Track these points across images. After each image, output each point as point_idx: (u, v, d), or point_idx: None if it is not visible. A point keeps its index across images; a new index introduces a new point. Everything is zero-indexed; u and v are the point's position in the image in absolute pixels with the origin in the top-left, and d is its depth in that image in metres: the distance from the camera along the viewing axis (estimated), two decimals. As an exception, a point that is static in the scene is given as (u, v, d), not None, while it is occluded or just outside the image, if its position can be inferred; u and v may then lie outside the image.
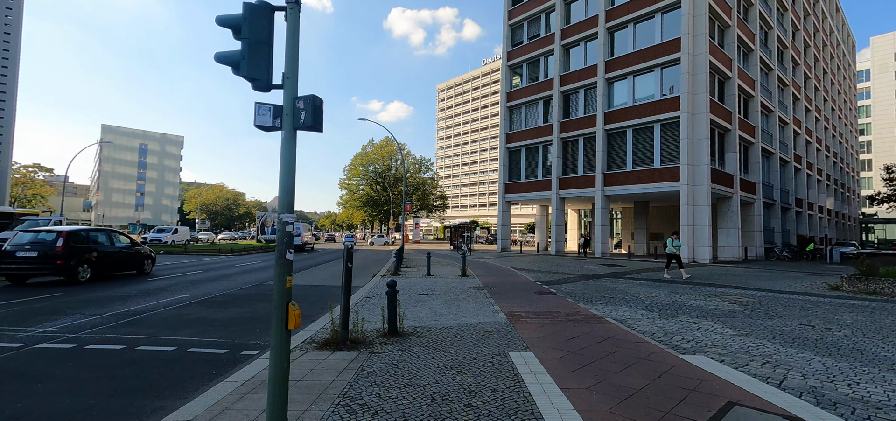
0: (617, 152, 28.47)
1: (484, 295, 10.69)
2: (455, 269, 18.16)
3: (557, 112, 31.79)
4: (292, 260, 3.24)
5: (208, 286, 12.22)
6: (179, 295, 10.52)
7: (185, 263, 21.02)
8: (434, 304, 9.31)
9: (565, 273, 17.18)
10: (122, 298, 9.79)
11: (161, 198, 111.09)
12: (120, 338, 6.34)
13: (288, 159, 3.21)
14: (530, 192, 33.97)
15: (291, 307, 3.13)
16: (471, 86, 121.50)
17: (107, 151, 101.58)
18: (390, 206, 65.51)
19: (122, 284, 12.41)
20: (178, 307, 8.86)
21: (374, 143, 73.80)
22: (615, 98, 29.04)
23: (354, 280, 14.15)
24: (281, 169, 3.21)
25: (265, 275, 15.87)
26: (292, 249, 3.21)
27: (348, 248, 6.02)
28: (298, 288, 12.30)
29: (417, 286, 12.25)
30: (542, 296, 10.67)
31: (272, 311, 3.18)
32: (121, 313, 8.09)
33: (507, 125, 36.44)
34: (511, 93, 36.43)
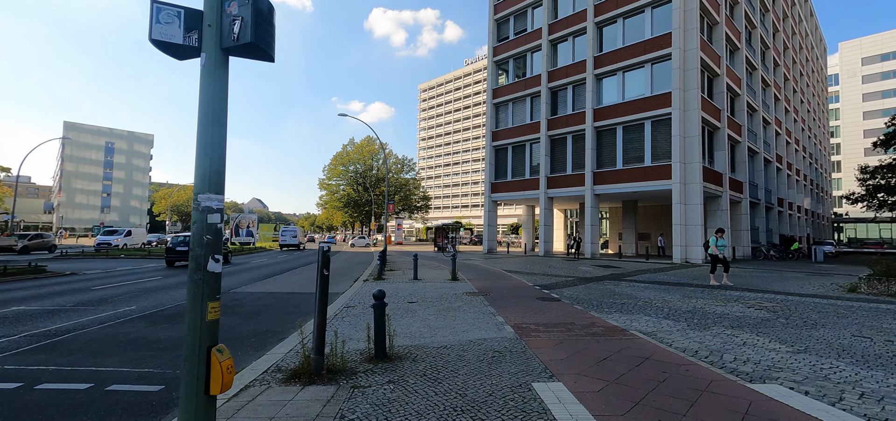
0: (607, 150, 27.76)
1: (481, 302, 9.47)
2: (443, 272, 16.89)
3: (545, 109, 30.93)
4: (219, 274, 1.92)
5: (163, 295, 10.60)
6: (124, 307, 8.91)
7: (146, 267, 19.10)
8: (427, 314, 8.03)
9: (561, 275, 16.14)
10: (49, 313, 8.14)
11: (129, 199, 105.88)
12: (21, 371, 4.82)
13: (212, 101, 1.89)
14: (517, 191, 33.01)
15: (215, 356, 1.81)
16: (453, 86, 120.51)
17: (69, 150, 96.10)
18: (372, 207, 63.74)
19: (57, 295, 10.66)
20: (115, 324, 7.30)
21: (354, 142, 71.85)
22: (604, 95, 28.35)
23: (334, 286, 12.74)
24: (200, 118, 1.89)
25: (234, 280, 14.25)
26: (218, 255, 1.88)
27: (324, 251, 4.69)
28: (267, 296, 10.81)
29: (405, 292, 10.93)
30: (546, 303, 9.52)
31: (181, 362, 1.85)
32: (39, 334, 6.50)
33: (494, 123, 35.41)
34: (497, 89, 35.43)
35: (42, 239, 30.14)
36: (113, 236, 35.00)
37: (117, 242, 34.14)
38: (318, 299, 4.68)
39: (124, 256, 25.95)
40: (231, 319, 7.87)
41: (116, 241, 34.32)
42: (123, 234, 36.45)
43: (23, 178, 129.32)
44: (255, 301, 10.06)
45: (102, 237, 34.64)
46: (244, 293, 11.31)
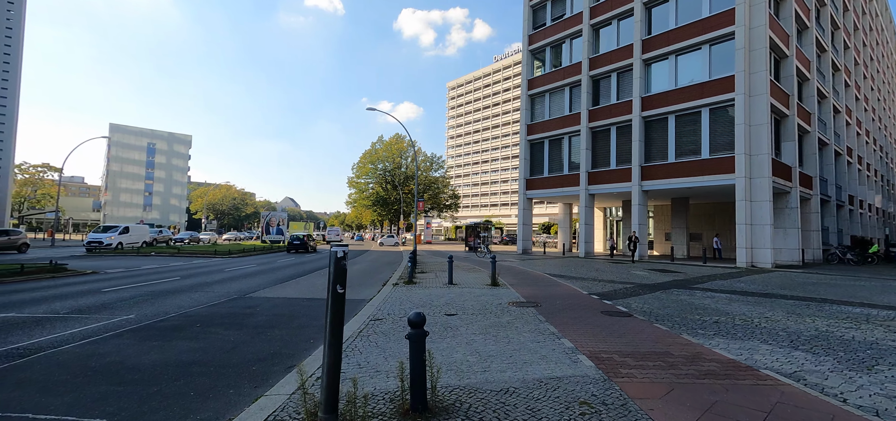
0: (656, 142, 25.28)
1: (534, 317, 7.77)
2: (480, 275, 15.25)
3: (586, 99, 28.68)
4: None
5: (170, 300, 9.48)
6: (122, 315, 7.77)
7: (172, 265, 18.45)
8: (472, 334, 6.42)
9: (615, 281, 14.16)
10: (34, 323, 7.06)
11: (169, 197, 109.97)
12: (-65, 416, 3.55)
13: None
14: (554, 188, 30.89)
15: None
16: (482, 84, 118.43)
17: (115, 151, 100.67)
18: (400, 206, 62.80)
19: (60, 298, 9.73)
20: (98, 340, 6.08)
21: (383, 141, 71.19)
22: (654, 82, 25.85)
23: (360, 291, 11.35)
24: None
25: (253, 282, 13.13)
26: None
27: (337, 258, 3.17)
28: (284, 303, 9.50)
29: (441, 302, 9.37)
30: (616, 319, 7.72)
31: None
32: (2, 353, 5.32)
33: (529, 115, 33.39)
34: (533, 80, 33.38)
35: (8, 237, 25.78)
36: (106, 234, 28.85)
37: (110, 242, 28.05)
38: (330, 331, 3.15)
39: (154, 254, 25.75)
40: (236, 335, 6.53)
41: (109, 239, 28.33)
42: (118, 231, 29.87)
43: (76, 178, 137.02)
44: (270, 310, 8.75)
45: (95, 234, 28.89)
46: (260, 299, 10.06)
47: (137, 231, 32.53)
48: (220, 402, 4.03)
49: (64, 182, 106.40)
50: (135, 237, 31.34)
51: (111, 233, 29.41)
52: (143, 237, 32.81)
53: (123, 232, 30.30)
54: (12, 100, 57.39)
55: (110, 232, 29.63)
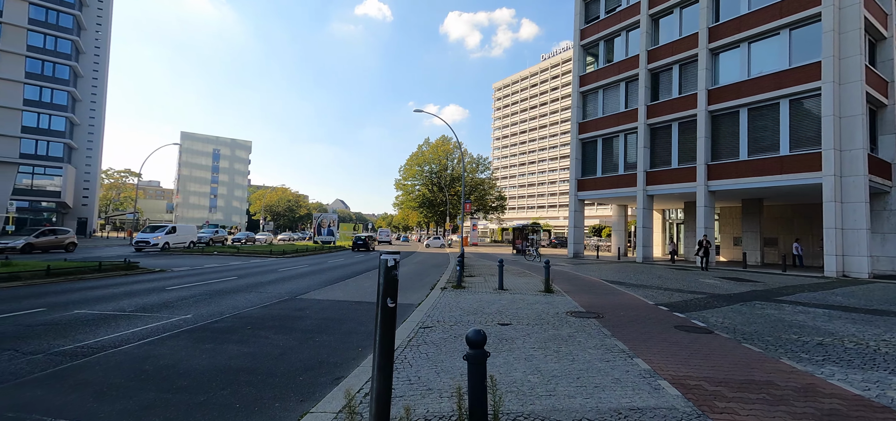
0: (726, 138, 23.14)
1: (598, 330, 7.03)
2: (531, 280, 14.51)
3: (644, 94, 26.90)
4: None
5: (226, 301, 9.68)
6: (180, 315, 7.95)
7: (231, 265, 19.31)
8: (530, 348, 5.84)
9: (685, 290, 12.89)
10: (100, 321, 7.35)
11: (231, 199, 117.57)
12: (-4, 417, 3.56)
13: None
14: (608, 188, 29.27)
15: None
16: (529, 83, 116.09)
17: (185, 157, 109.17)
18: (447, 207, 62.79)
19: (128, 296, 10.23)
20: (155, 341, 6.16)
21: (429, 143, 71.61)
22: (722, 73, 23.71)
23: (407, 295, 11.06)
24: None
25: (304, 284, 13.29)
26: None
27: (387, 267, 2.77)
28: (333, 306, 9.37)
29: (492, 309, 8.83)
30: (694, 336, 6.80)
31: None
32: (62, 353, 5.47)
33: (580, 113, 31.95)
34: (585, 76, 31.91)
35: (56, 236, 25.26)
36: (153, 234, 28.51)
37: (156, 242, 27.64)
38: (379, 352, 2.75)
39: (217, 253, 27.25)
40: (285, 340, 6.39)
41: (156, 239, 27.84)
42: (165, 231, 29.27)
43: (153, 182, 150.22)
44: (319, 312, 8.64)
45: (143, 235, 28.73)
46: (310, 302, 10.04)
47: (185, 231, 31.68)
48: (265, 417, 3.77)
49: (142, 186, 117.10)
50: (182, 237, 30.58)
51: (158, 233, 28.86)
52: (190, 237, 31.89)
53: (170, 232, 29.66)
54: (100, 112, 63.63)
55: (158, 232, 29.06)
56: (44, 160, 49.01)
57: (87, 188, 61.15)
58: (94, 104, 62.01)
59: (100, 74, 62.77)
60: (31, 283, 11.49)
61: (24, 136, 47.42)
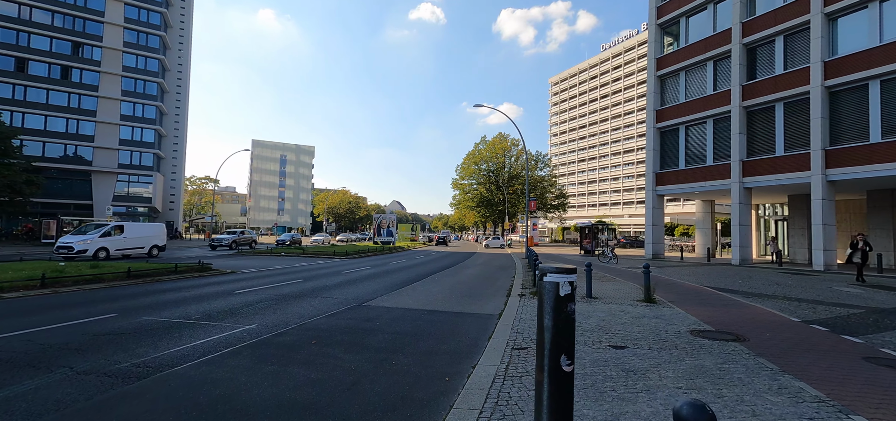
0: (849, 118, 19.44)
1: (753, 360, 5.29)
2: (619, 286, 12.64)
3: (738, 73, 23.54)
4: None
5: (291, 308, 9.01)
6: (244, 325, 7.30)
7: (297, 266, 19.29)
8: (673, 388, 4.30)
9: (826, 302, 10.42)
10: (164, 331, 6.84)
11: (297, 202, 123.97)
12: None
13: None
14: (694, 181, 26.07)
15: None
16: (588, 76, 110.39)
17: (256, 163, 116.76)
18: (505, 206, 60.91)
19: (197, 300, 9.92)
20: (216, 356, 5.40)
21: (486, 141, 70.11)
22: (842, 40, 19.98)
23: (482, 302, 9.79)
24: None
25: (370, 287, 12.51)
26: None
27: (558, 298, 1.51)
28: (405, 316, 8.32)
29: (591, 323, 7.31)
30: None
31: None
32: (116, 373, 4.82)
33: (658, 100, 28.90)
34: (663, 58, 28.82)
35: None
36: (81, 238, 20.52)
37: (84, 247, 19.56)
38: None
39: (284, 254, 27.87)
40: (355, 361, 5.37)
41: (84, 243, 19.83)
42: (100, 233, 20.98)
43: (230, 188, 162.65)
44: (390, 325, 7.63)
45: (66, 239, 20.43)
46: (379, 310, 9.11)
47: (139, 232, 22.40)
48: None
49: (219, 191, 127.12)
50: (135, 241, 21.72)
51: (91, 235, 20.53)
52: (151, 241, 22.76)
53: (109, 234, 20.98)
54: (183, 123, 69.31)
55: (90, 234, 20.63)
56: (137, 169, 54.04)
57: (173, 194, 66.90)
58: (178, 116, 67.76)
59: (182, 89, 68.46)
60: (113, 284, 11.73)
61: (122, 148, 52.58)
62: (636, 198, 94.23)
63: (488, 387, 4.37)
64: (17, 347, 5.61)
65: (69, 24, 49.93)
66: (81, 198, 50.14)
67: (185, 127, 70.42)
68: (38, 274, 10.98)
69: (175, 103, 65.09)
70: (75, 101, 49.98)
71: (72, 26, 50.05)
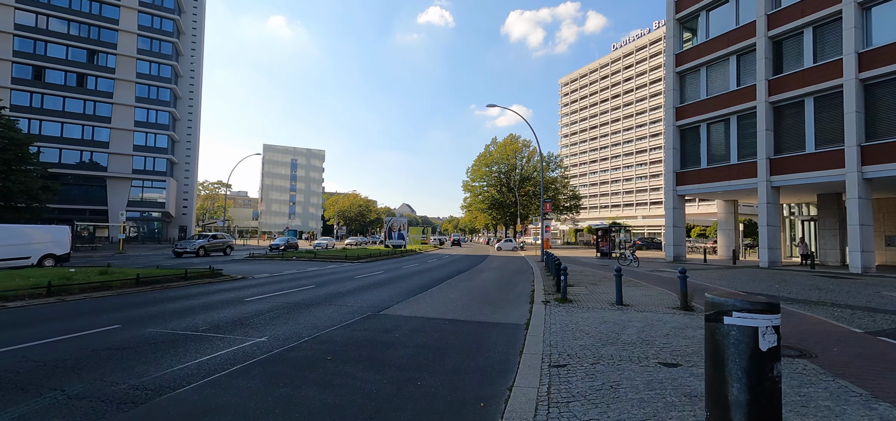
0: (886, 112, 18.40)
1: (833, 381, 4.61)
2: (648, 291, 11.89)
3: (764, 68, 22.57)
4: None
5: (303, 317, 8.50)
6: (255, 336, 6.79)
7: (309, 271, 18.85)
8: None
9: (883, 309, 9.58)
10: (167, 344, 6.35)
11: (308, 206, 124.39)
12: None
13: None
14: (717, 181, 25.09)
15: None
16: (598, 75, 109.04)
17: (267, 167, 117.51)
18: (517, 208, 60.10)
19: (206, 309, 9.47)
20: (224, 375, 4.87)
21: (497, 142, 69.41)
22: (877, 30, 18.96)
23: (505, 310, 9.13)
24: None
25: (385, 293, 11.96)
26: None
27: (759, 356, 0.89)
28: (424, 327, 7.73)
29: (628, 334, 6.64)
30: None
31: None
32: (108, 399, 4.32)
33: (677, 97, 27.98)
34: (682, 54, 27.89)
35: None
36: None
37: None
38: None
39: (296, 258, 27.52)
40: (376, 382, 4.81)
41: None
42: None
43: (242, 193, 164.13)
44: (411, 336, 7.05)
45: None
46: (397, 319, 8.55)
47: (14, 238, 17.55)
48: None
49: (231, 195, 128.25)
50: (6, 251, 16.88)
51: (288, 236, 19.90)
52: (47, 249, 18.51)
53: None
54: (195, 129, 69.86)
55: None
56: (151, 174, 54.47)
57: (186, 199, 67.36)
58: (190, 122, 68.30)
59: (194, 94, 69.04)
60: (121, 292, 11.37)
61: (135, 153, 53.06)
62: (650, 198, 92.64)
63: (532, 417, 3.77)
64: (8, 364, 5.16)
65: (85, 33, 50.59)
66: (97, 203, 50.64)
67: (197, 132, 70.98)
68: (45, 281, 10.66)
69: (188, 109, 65.63)
70: (91, 108, 50.59)
71: (87, 34, 50.71)
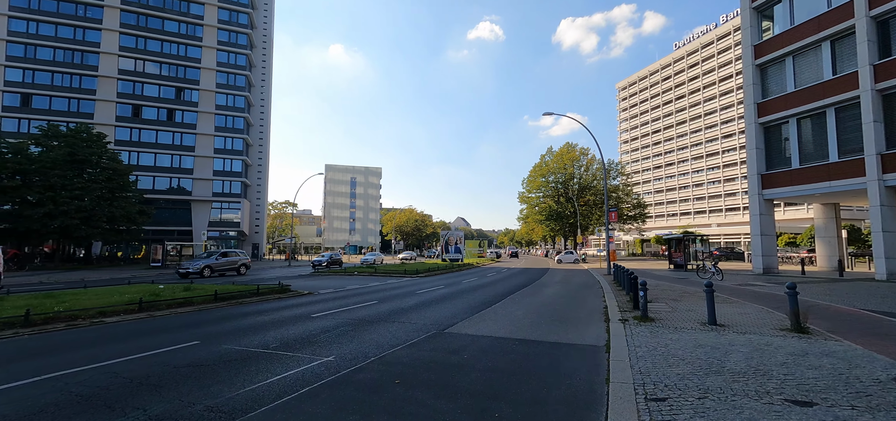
0: None
1: None
2: (744, 308, 10.47)
3: (868, 52, 19.74)
4: None
5: (368, 335, 8.35)
6: (321, 356, 6.70)
7: (370, 286, 19.08)
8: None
9: None
10: (236, 365, 6.41)
11: (367, 222, 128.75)
12: None
13: None
14: (813, 182, 22.17)
15: None
16: (660, 76, 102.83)
17: (329, 186, 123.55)
18: (576, 219, 57.68)
19: (275, 325, 9.66)
20: (290, 401, 4.72)
21: (552, 152, 67.50)
22: None
23: (578, 329, 8.36)
24: None
25: (447, 310, 11.62)
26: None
27: None
28: (494, 347, 7.22)
29: (733, 362, 5.68)
30: None
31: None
32: (188, 418, 4.29)
33: (758, 92, 25.34)
34: (762, 45, 25.30)
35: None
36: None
37: None
38: None
39: (357, 273, 28.19)
40: (448, 410, 4.41)
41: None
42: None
43: (307, 211, 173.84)
44: (480, 358, 6.59)
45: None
46: (463, 338, 8.14)
47: None
48: None
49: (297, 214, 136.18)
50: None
51: None
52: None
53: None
54: (265, 153, 75.20)
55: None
56: (228, 197, 59.19)
57: (258, 218, 72.34)
58: (260, 147, 73.69)
59: (264, 122, 74.55)
60: (201, 307, 12.05)
61: (215, 178, 58.00)
62: (725, 205, 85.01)
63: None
64: (100, 381, 5.42)
65: (173, 72, 56.63)
66: (183, 224, 55.81)
67: (267, 156, 76.37)
68: (137, 298, 11.56)
69: (258, 135, 70.92)
70: (178, 139, 56.22)
71: (175, 73, 56.70)
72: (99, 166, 38.45)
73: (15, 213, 33.92)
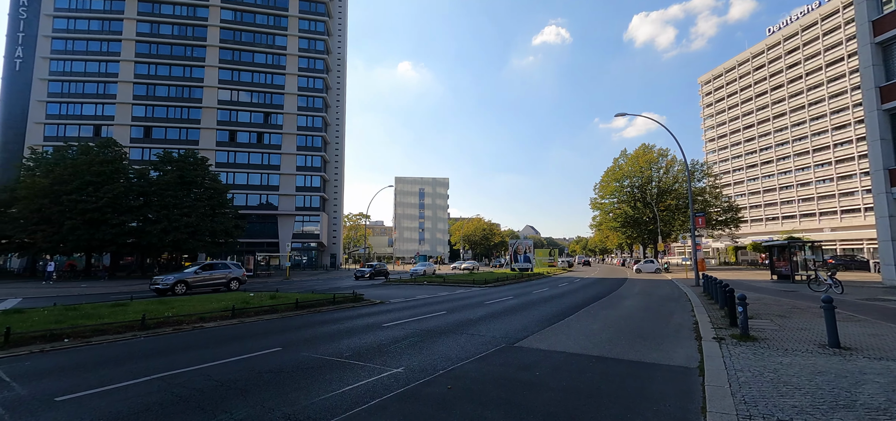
0: None
1: None
2: (877, 328, 8.80)
3: None
4: None
5: (436, 347, 8.30)
6: (390, 367, 6.75)
7: (439, 296, 19.22)
8: None
9: None
10: (312, 373, 6.65)
11: (435, 232, 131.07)
12: None
13: None
14: (964, 176, 18.26)
15: None
16: (751, 66, 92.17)
17: (399, 198, 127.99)
18: (656, 225, 53.48)
19: (346, 334, 9.99)
20: (360, 412, 4.76)
21: (627, 154, 63.50)
22: None
23: (662, 347, 7.51)
24: None
25: (517, 322, 11.24)
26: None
27: None
28: (569, 364, 6.75)
29: (873, 395, 4.69)
30: None
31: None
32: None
33: (881, 74, 21.65)
34: (883, 19, 21.63)
35: None
36: None
37: None
38: None
39: (427, 283, 28.63)
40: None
41: None
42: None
43: (378, 222, 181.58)
44: (553, 376, 6.20)
45: None
46: (534, 354, 7.77)
47: None
48: None
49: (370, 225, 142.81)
50: None
51: None
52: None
53: None
54: (340, 168, 80.00)
55: None
56: (308, 211, 63.76)
57: (335, 230, 76.94)
58: (336, 163, 78.50)
59: (339, 139, 79.42)
60: (284, 315, 12.92)
61: (297, 193, 62.87)
62: (841, 206, 73.57)
63: None
64: (196, 383, 5.94)
65: (261, 99, 62.74)
66: (271, 237, 61.11)
67: (342, 171, 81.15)
68: (230, 305, 12.72)
69: (334, 152, 75.68)
70: (266, 159, 61.99)
71: (263, 100, 62.77)
72: (202, 187, 43.54)
73: (139, 229, 39.54)
